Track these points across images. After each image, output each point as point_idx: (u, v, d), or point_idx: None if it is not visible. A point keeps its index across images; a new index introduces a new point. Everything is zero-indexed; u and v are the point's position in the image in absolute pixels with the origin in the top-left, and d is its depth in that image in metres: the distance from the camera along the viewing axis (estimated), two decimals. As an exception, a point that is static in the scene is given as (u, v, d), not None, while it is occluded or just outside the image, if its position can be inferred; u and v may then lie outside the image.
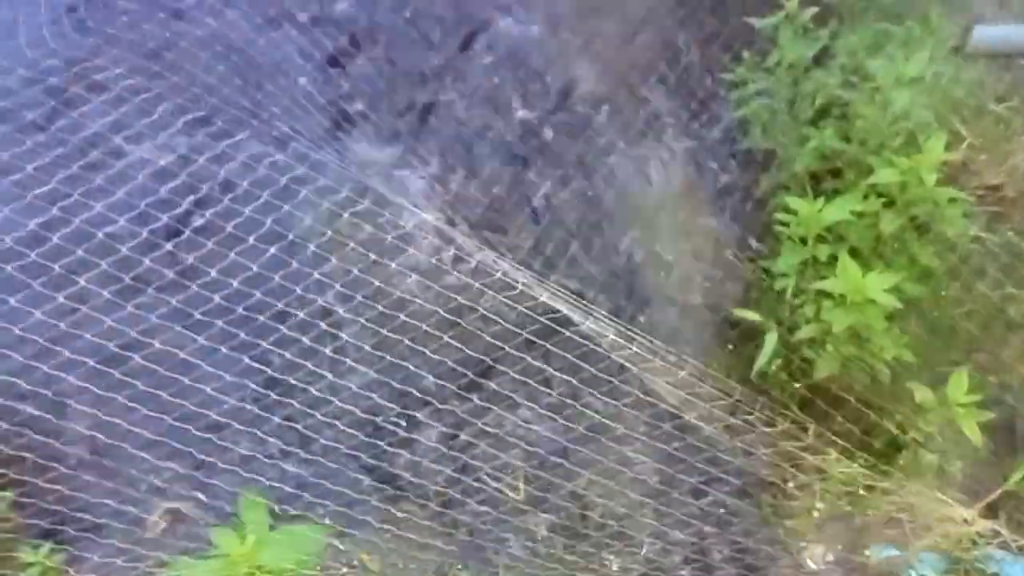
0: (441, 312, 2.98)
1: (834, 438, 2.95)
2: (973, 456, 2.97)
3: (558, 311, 2.89)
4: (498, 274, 2.91)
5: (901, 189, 2.98)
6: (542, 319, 2.88)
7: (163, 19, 3.60)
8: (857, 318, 2.85)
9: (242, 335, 2.81)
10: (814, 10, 3.37)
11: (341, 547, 2.69)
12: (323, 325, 2.97)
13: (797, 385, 3.18)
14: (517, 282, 2.86)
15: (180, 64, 3.40)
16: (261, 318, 2.88)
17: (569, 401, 3.02)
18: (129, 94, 3.20)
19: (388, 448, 2.86)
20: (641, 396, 2.99)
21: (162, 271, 2.92)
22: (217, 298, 2.80)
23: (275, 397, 2.82)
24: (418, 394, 2.96)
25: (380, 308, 2.96)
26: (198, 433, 2.62)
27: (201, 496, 2.65)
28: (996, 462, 2.99)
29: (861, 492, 2.91)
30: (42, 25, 3.40)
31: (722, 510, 2.99)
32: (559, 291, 3.02)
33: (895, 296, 2.86)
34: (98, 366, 2.61)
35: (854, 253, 3.02)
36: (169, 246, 3.00)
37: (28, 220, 2.77)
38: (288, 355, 2.86)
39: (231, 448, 2.71)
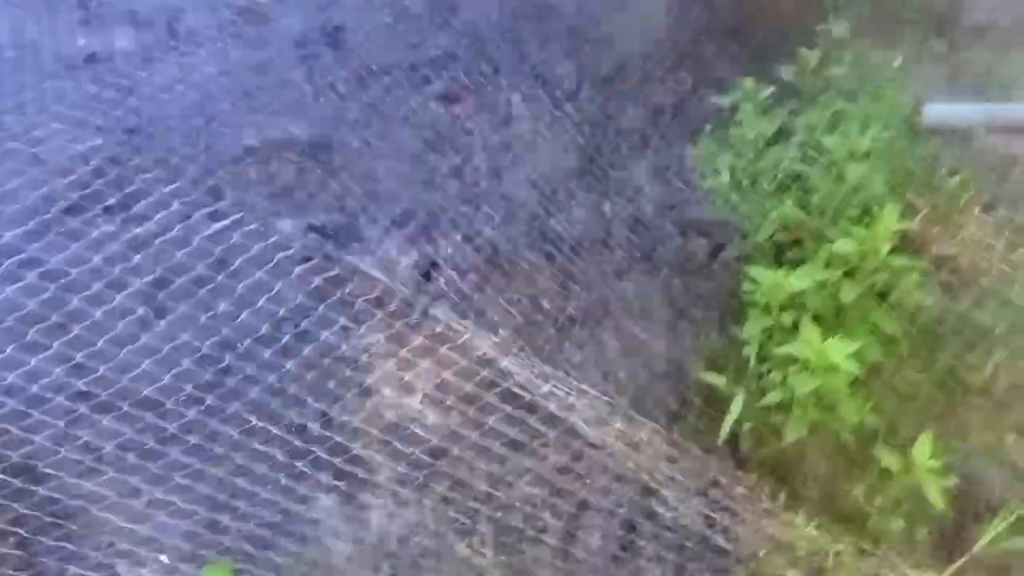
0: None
1: (802, 504, 2.97)
2: (940, 521, 3.00)
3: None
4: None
5: (859, 258, 3.09)
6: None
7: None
8: (821, 383, 2.91)
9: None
10: (771, 89, 3.55)
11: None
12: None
13: (765, 451, 3.22)
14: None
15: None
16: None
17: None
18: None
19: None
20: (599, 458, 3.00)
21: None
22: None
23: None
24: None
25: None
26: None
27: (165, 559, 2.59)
28: (962, 528, 3.01)
29: (830, 559, 2.92)
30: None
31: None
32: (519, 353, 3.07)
33: (857, 362, 2.93)
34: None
35: (817, 320, 3.11)
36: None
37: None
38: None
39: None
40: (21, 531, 2.47)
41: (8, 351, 2.70)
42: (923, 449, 2.87)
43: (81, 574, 2.50)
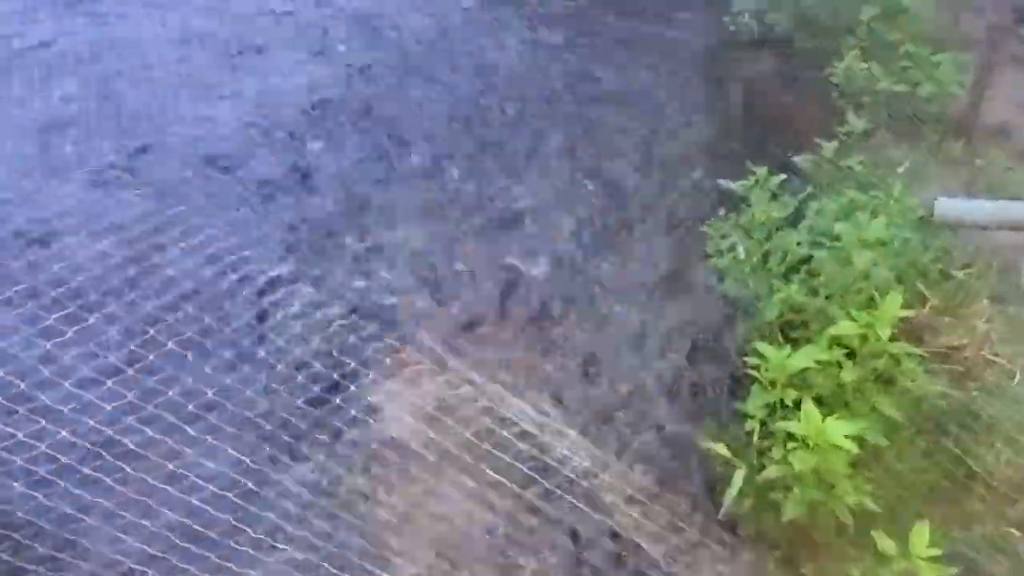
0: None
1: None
2: (937, 612, 2.96)
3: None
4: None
5: (861, 342, 3.17)
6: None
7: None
8: (820, 461, 2.95)
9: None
10: (783, 177, 3.71)
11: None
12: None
13: (764, 526, 3.24)
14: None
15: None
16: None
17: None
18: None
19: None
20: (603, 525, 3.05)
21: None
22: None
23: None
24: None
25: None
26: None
27: None
28: (959, 620, 2.97)
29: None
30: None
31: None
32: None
33: (856, 443, 2.98)
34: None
35: (820, 400, 3.17)
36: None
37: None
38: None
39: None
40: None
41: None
42: (920, 537, 2.87)
43: None
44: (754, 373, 3.28)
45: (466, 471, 3.12)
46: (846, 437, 2.94)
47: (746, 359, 3.34)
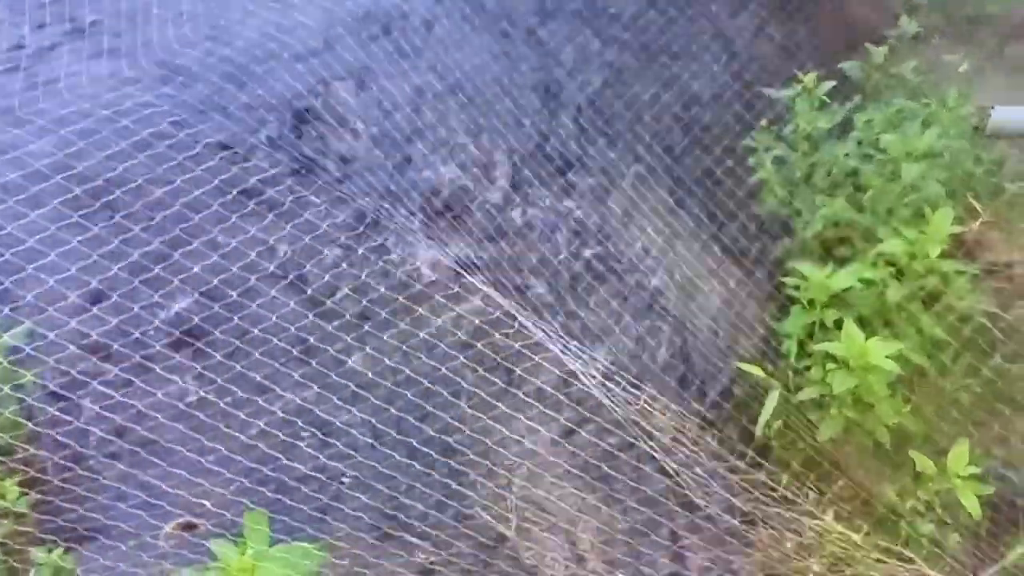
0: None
1: (832, 504, 2.97)
2: (972, 530, 2.95)
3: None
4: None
5: (909, 259, 3.05)
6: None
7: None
8: (859, 382, 2.89)
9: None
10: (831, 84, 3.50)
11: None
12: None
13: (800, 447, 3.21)
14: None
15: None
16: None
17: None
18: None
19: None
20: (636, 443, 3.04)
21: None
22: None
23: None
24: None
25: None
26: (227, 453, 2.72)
27: (224, 512, 2.70)
28: (995, 539, 2.96)
29: (856, 558, 2.91)
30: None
31: (712, 566, 3.00)
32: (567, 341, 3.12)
33: (899, 364, 2.90)
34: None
35: (861, 320, 3.08)
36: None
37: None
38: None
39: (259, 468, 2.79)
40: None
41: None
42: (960, 456, 2.83)
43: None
44: (793, 293, 3.19)
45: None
46: (887, 357, 2.88)
47: (785, 279, 3.24)
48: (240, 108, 3.34)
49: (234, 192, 3.11)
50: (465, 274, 3.24)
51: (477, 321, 3.15)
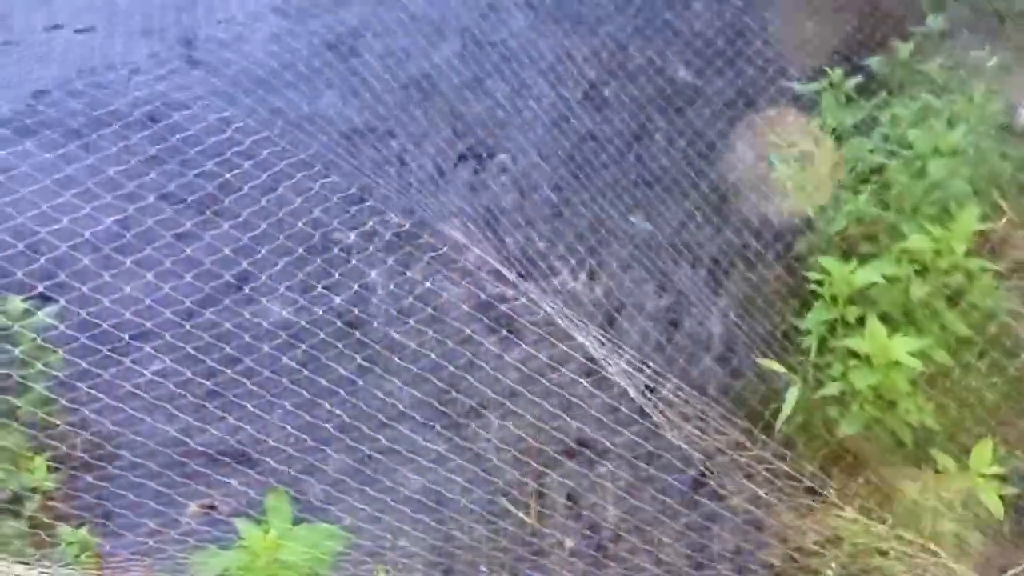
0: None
1: (852, 499, 2.96)
2: (994, 530, 2.93)
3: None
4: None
5: (933, 257, 3.03)
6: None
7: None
8: (881, 379, 2.88)
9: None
10: (857, 79, 3.48)
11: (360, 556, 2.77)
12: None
13: (820, 443, 3.20)
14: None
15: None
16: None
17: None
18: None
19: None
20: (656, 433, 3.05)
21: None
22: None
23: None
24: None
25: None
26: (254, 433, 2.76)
27: (250, 492, 2.73)
28: (1018, 540, 2.94)
29: (877, 555, 2.90)
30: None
31: (735, 556, 3.00)
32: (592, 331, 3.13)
33: (922, 361, 2.89)
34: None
35: (884, 317, 3.07)
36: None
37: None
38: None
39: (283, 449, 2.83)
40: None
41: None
42: (982, 455, 2.80)
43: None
44: (816, 288, 3.18)
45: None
46: (910, 354, 2.86)
47: (808, 274, 3.23)
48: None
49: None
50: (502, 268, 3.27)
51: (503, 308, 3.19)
